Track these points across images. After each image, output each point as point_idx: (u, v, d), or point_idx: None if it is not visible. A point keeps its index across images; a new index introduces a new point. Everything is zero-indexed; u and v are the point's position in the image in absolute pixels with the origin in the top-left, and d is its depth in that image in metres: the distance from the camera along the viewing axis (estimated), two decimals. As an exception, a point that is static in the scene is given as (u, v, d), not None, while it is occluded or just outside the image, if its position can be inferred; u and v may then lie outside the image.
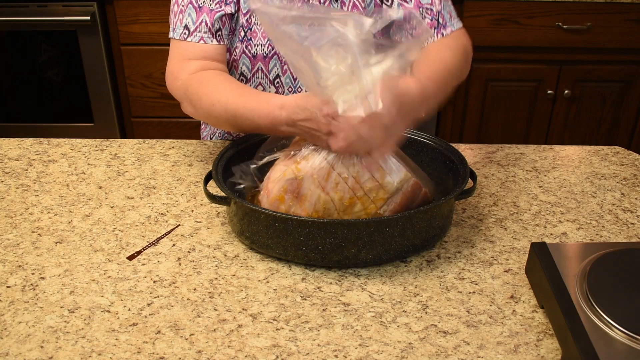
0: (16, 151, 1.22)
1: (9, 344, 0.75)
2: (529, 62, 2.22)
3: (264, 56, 1.15)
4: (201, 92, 1.02)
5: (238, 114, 0.96)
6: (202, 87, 1.02)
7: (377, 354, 0.74)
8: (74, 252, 0.92)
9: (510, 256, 0.92)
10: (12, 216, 1.01)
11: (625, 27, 2.14)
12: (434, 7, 1.13)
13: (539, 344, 0.76)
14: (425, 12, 1.14)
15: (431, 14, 1.13)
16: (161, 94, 2.33)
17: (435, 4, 1.13)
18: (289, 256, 0.88)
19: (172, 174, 1.14)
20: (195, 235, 0.96)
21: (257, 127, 0.94)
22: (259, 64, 1.16)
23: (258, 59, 1.15)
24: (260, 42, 1.14)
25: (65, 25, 2.20)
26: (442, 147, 1.02)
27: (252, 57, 1.15)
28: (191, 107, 1.06)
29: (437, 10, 1.13)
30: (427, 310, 0.81)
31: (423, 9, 1.13)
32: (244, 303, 0.82)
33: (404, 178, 0.88)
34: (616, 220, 1.02)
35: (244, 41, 1.14)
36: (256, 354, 0.74)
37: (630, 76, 2.23)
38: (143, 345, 0.75)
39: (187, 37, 1.08)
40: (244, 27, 1.13)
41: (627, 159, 1.22)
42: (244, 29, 1.13)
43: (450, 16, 1.16)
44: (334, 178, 0.87)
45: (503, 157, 1.21)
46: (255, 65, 1.16)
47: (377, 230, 0.85)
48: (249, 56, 1.15)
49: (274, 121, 0.90)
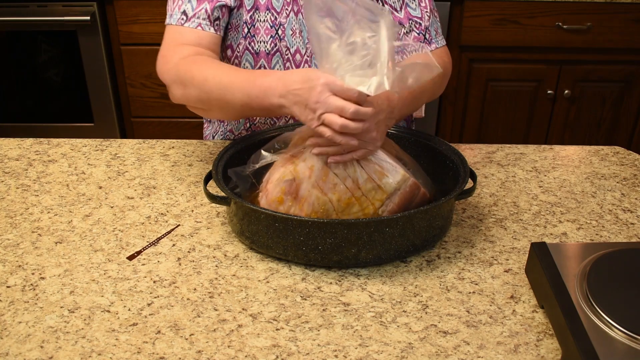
0: (16, 151, 1.22)
1: (9, 344, 0.75)
2: (529, 62, 2.22)
3: (267, 53, 1.15)
4: (194, 69, 1.01)
5: (231, 86, 0.96)
6: (195, 65, 1.02)
7: (377, 354, 0.74)
8: (74, 252, 0.92)
9: (510, 256, 0.92)
10: (12, 216, 1.01)
11: (625, 27, 2.14)
12: (422, 22, 1.16)
13: (539, 344, 0.76)
14: (413, 25, 1.16)
15: (419, 28, 1.16)
16: (161, 94, 2.33)
17: (424, 20, 1.16)
18: (289, 256, 0.88)
19: (172, 174, 1.14)
20: (195, 235, 0.96)
21: (247, 99, 0.93)
22: (262, 61, 1.16)
23: (261, 55, 1.16)
24: (263, 38, 1.14)
25: (65, 25, 2.20)
26: (442, 147, 1.02)
27: (255, 53, 1.16)
28: (181, 88, 1.04)
29: (425, 25, 1.16)
30: (427, 310, 0.81)
31: (412, 22, 1.16)
32: (244, 303, 0.82)
33: (401, 179, 0.88)
34: (616, 220, 1.02)
35: (247, 37, 1.15)
36: (256, 354, 0.74)
37: (630, 76, 2.23)
38: (143, 345, 0.75)
39: (184, 22, 1.08)
40: (247, 24, 1.14)
41: (627, 159, 1.22)
42: (247, 26, 1.14)
43: (437, 33, 1.19)
44: (332, 179, 0.87)
45: (503, 157, 1.21)
46: (258, 62, 1.17)
47: (377, 230, 0.85)
48: (252, 53, 1.16)
49: (267, 90, 0.90)
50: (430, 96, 1.15)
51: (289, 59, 1.16)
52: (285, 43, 1.15)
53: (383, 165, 0.88)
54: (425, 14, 1.16)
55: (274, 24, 1.14)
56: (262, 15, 1.13)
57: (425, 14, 1.16)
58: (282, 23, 1.14)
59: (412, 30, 1.16)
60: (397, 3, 1.15)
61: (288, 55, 1.16)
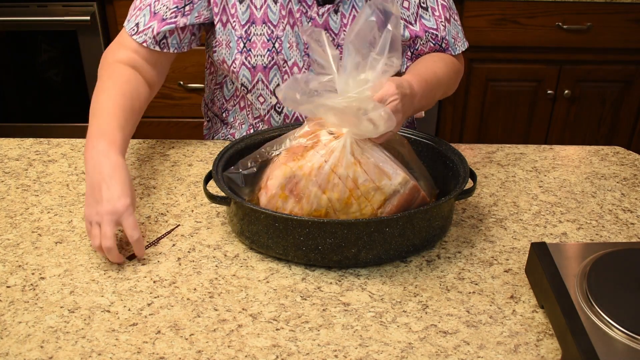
0: (16, 151, 1.22)
1: (9, 344, 0.75)
2: (529, 62, 2.22)
3: (264, 67, 1.15)
4: (104, 79, 1.10)
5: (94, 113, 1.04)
6: (108, 79, 1.09)
7: (377, 354, 0.74)
8: (74, 252, 0.92)
9: (510, 256, 0.92)
10: (12, 216, 1.01)
11: (625, 27, 2.14)
12: (438, 33, 1.15)
13: (539, 344, 0.76)
14: (430, 37, 1.15)
15: (435, 39, 1.16)
16: (161, 94, 2.32)
17: (440, 30, 1.15)
18: (289, 256, 0.88)
19: (172, 174, 1.14)
20: (195, 235, 0.96)
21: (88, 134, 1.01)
22: (259, 75, 1.16)
23: (258, 69, 1.15)
24: (260, 52, 1.14)
25: (65, 25, 2.19)
26: (442, 147, 1.02)
27: (252, 67, 1.15)
28: (97, 80, 1.12)
29: (441, 36, 1.16)
30: (427, 310, 0.81)
31: (429, 34, 1.15)
32: (244, 303, 0.82)
33: (402, 181, 0.88)
34: (616, 220, 1.02)
35: (243, 52, 1.14)
36: (256, 354, 0.74)
37: (630, 76, 2.23)
38: (143, 345, 0.75)
39: (133, 34, 1.12)
40: (242, 38, 1.13)
41: (627, 159, 1.22)
42: (243, 40, 1.13)
43: (455, 40, 1.18)
44: (332, 178, 0.87)
45: (503, 157, 1.21)
46: (256, 76, 1.16)
47: (377, 230, 0.85)
48: (248, 67, 1.15)
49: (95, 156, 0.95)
50: (444, 91, 1.14)
51: (287, 71, 1.16)
52: (282, 56, 1.14)
53: (384, 167, 0.88)
54: (440, 24, 1.15)
55: (270, 37, 1.13)
56: (258, 29, 1.13)
57: (440, 24, 1.15)
58: (279, 36, 1.13)
59: (428, 41, 1.16)
60: (411, 17, 1.14)
61: (286, 67, 1.16)
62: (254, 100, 1.19)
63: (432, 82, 1.05)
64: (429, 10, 1.15)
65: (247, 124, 1.27)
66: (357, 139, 0.88)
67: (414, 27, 1.14)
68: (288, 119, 1.21)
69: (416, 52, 1.17)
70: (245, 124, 1.27)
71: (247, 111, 1.25)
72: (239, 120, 1.28)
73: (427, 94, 1.02)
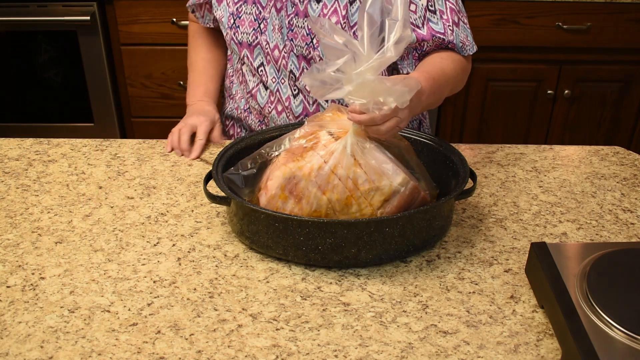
0: (16, 151, 1.22)
1: (9, 344, 0.75)
2: (529, 62, 2.22)
3: (249, 44, 1.21)
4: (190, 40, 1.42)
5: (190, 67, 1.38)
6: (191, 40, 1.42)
7: (377, 354, 0.74)
8: (74, 252, 0.92)
9: (510, 256, 0.92)
10: (12, 216, 1.01)
11: (625, 27, 2.14)
12: (446, 37, 1.13)
13: (539, 344, 0.76)
14: (436, 41, 1.14)
15: (443, 43, 1.14)
16: (161, 94, 2.32)
17: (447, 34, 1.13)
18: (289, 256, 0.88)
19: (172, 174, 1.14)
20: (195, 235, 0.96)
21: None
22: (245, 51, 1.23)
23: (244, 46, 1.22)
24: (246, 30, 1.20)
25: (65, 25, 2.19)
26: (442, 147, 1.02)
27: (239, 43, 1.22)
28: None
29: (448, 40, 1.14)
30: (427, 310, 0.81)
31: (436, 37, 1.13)
32: (244, 303, 0.82)
33: (402, 181, 0.88)
34: (616, 220, 1.02)
35: (232, 28, 1.21)
36: (256, 354, 0.74)
37: (630, 76, 2.23)
38: (143, 345, 0.75)
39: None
40: (233, 15, 1.20)
41: (627, 159, 1.22)
42: (234, 17, 1.20)
43: (464, 44, 1.16)
44: (332, 179, 0.87)
45: (503, 157, 1.21)
46: (242, 51, 1.23)
47: (377, 230, 0.85)
48: (236, 42, 1.22)
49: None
50: (451, 89, 1.13)
51: (269, 53, 1.21)
52: (265, 37, 1.19)
53: (384, 167, 0.88)
54: (448, 28, 1.13)
55: (257, 17, 1.19)
56: (248, 8, 1.20)
57: (448, 29, 1.13)
58: (265, 17, 1.18)
59: (435, 44, 1.15)
60: (418, 20, 1.12)
61: (267, 49, 1.20)
62: (247, 73, 1.27)
63: (440, 80, 1.04)
64: (437, 14, 1.13)
65: (245, 100, 1.31)
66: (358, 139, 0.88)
67: (421, 31, 1.12)
68: (273, 95, 1.24)
69: (423, 54, 1.17)
70: (243, 99, 1.32)
71: (244, 85, 1.30)
72: (239, 93, 1.33)
73: (435, 91, 1.02)
